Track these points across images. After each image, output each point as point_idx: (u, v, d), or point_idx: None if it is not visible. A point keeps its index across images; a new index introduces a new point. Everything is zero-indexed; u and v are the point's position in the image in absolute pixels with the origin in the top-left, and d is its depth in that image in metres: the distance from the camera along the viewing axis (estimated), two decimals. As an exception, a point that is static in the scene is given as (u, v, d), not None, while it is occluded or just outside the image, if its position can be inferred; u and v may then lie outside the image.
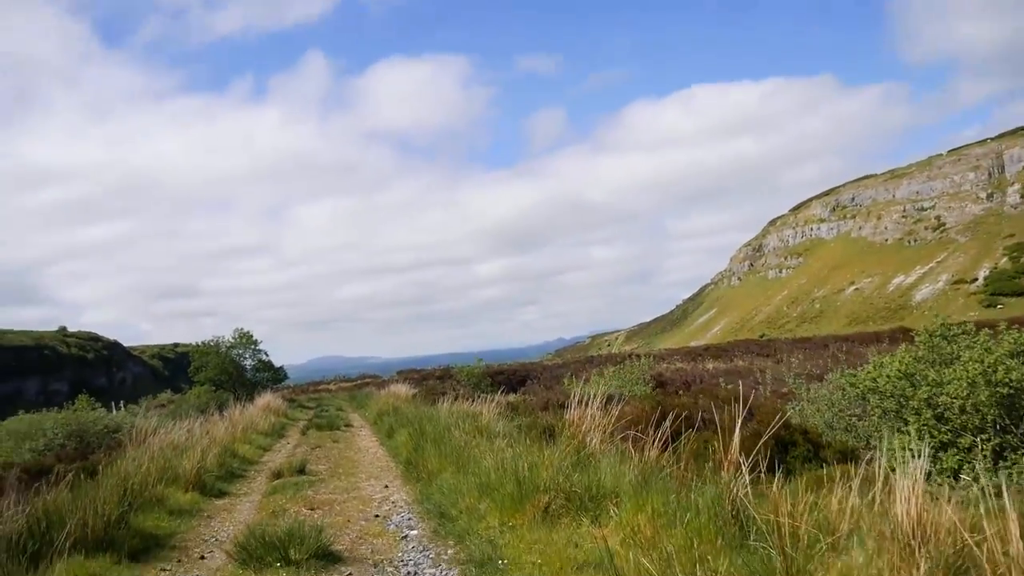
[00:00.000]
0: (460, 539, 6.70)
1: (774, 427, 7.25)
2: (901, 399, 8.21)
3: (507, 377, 39.27)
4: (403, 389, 26.19)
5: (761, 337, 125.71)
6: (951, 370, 7.84)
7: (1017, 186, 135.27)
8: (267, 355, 44.42)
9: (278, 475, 11.39)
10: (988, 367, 7.37)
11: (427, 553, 6.54)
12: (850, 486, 5.21)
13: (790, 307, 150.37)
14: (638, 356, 26.20)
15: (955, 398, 7.55)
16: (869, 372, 8.78)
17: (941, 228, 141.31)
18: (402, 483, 10.30)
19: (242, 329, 43.10)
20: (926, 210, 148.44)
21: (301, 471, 11.57)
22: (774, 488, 5.39)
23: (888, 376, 8.34)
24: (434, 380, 39.63)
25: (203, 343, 42.99)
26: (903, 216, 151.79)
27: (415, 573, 6.02)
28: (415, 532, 7.34)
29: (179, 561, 6.97)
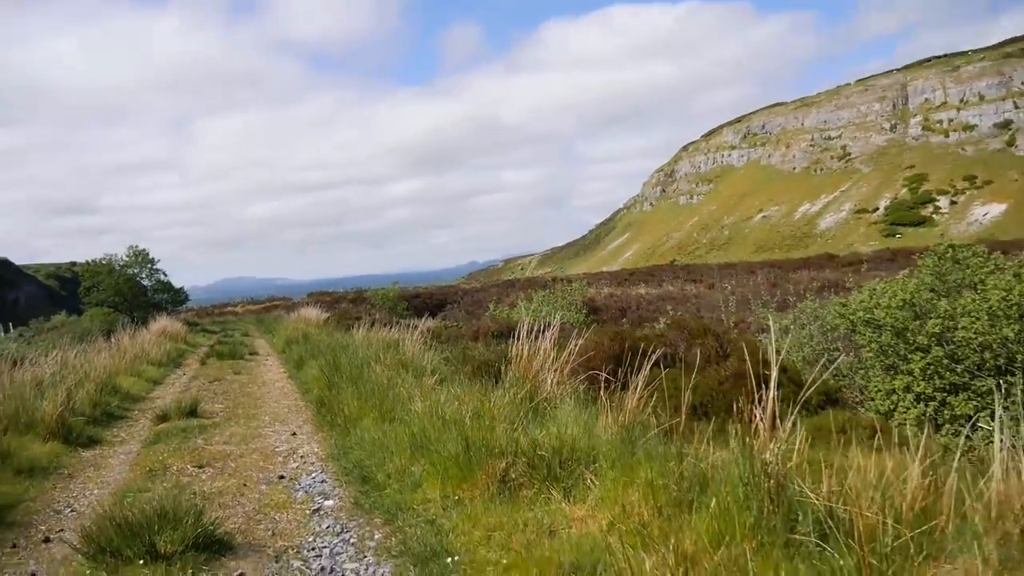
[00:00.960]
0: (390, 516, 5.14)
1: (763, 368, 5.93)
2: (903, 333, 7.05)
3: (423, 301, 37.70)
4: (314, 313, 24.31)
5: (672, 263, 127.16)
6: (967, 299, 6.69)
7: (919, 118, 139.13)
8: (166, 275, 41.44)
9: (164, 418, 9.59)
10: (1021, 296, 6.22)
11: (347, 536, 4.96)
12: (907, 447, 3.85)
13: (700, 233, 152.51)
14: (567, 280, 24.92)
15: (976, 333, 6.42)
16: (863, 301, 7.58)
17: (846, 158, 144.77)
18: (313, 429, 8.65)
19: (137, 247, 39.91)
20: (833, 139, 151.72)
21: (192, 412, 9.78)
22: (797, 445, 4.04)
23: (888, 306, 7.14)
24: (347, 304, 37.67)
25: (93, 261, 39.72)
26: (811, 145, 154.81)
27: (331, 570, 4.45)
28: (330, 503, 5.73)
29: (13, 547, 5.24)
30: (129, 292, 38.77)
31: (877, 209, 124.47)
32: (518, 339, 7.63)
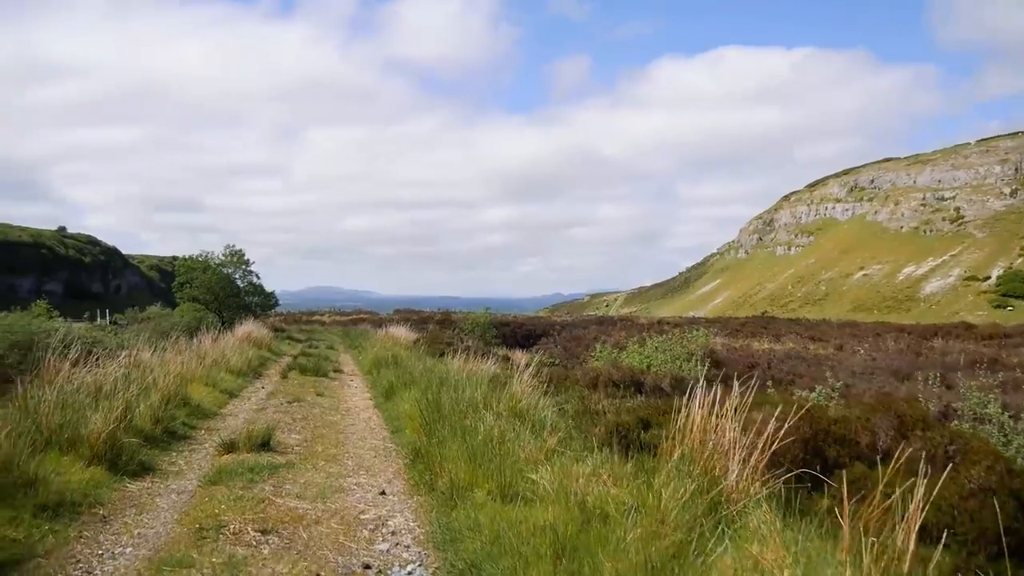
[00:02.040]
0: None
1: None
2: None
3: (512, 331, 36.16)
4: (403, 333, 22.96)
5: (763, 314, 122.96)
6: None
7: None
8: (259, 278, 41.00)
9: (231, 447, 8.09)
10: None
11: None
12: None
13: (795, 286, 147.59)
14: (669, 324, 22.92)
15: None
16: None
17: (959, 220, 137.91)
18: (407, 488, 6.90)
19: (233, 246, 39.60)
20: (946, 200, 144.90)
21: (265, 445, 8.24)
22: None
23: None
24: (434, 325, 36.43)
25: (190, 257, 39.55)
26: (922, 204, 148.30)
27: None
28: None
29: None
30: (221, 291, 38.37)
31: (989, 278, 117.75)
32: (691, 402, 5.82)
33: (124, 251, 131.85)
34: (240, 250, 39.38)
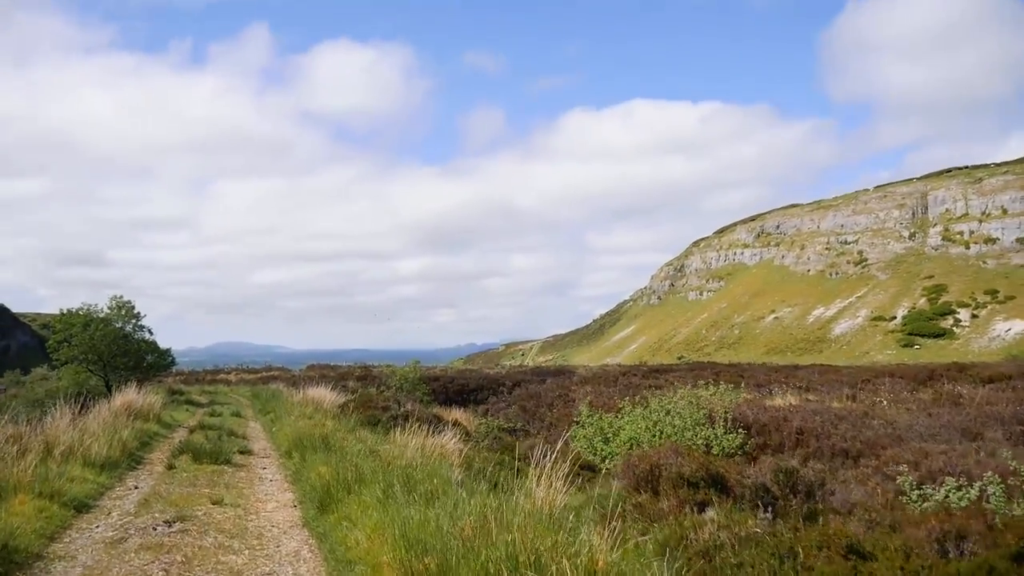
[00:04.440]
0: None
1: None
2: None
3: (444, 385, 32.50)
4: (325, 395, 19.15)
5: (680, 359, 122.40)
6: None
7: (939, 227, 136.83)
8: (151, 333, 36.10)
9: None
10: None
11: None
12: None
13: (709, 330, 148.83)
14: (674, 380, 19.57)
15: None
16: None
17: (863, 263, 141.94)
18: None
19: (120, 297, 34.71)
20: (849, 244, 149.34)
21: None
22: None
23: None
24: (355, 381, 32.47)
25: (69, 311, 34.44)
26: (826, 248, 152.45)
27: None
28: None
29: None
30: (106, 350, 33.40)
31: (895, 318, 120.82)
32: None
33: (17, 308, 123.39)
34: (128, 302, 34.58)
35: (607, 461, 11.44)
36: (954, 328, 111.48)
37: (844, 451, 9.68)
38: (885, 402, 15.40)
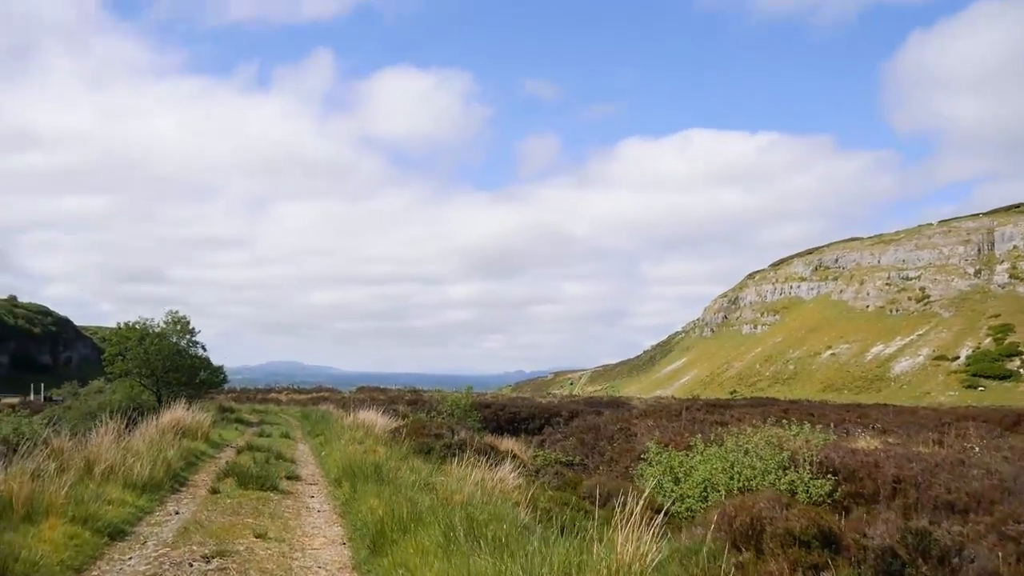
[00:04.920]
0: None
1: None
2: None
3: (495, 413, 31.77)
4: (376, 419, 18.57)
5: (732, 394, 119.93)
6: None
7: (1006, 264, 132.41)
8: (205, 349, 36.04)
9: None
10: None
11: None
12: None
13: (763, 365, 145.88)
14: (743, 416, 18.52)
15: None
16: None
17: (925, 300, 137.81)
18: None
19: (176, 312, 34.73)
20: (911, 280, 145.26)
21: None
22: None
23: None
24: (404, 405, 31.94)
25: (125, 324, 34.54)
26: (887, 284, 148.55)
27: None
28: None
29: None
30: (160, 365, 33.37)
31: (958, 358, 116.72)
32: None
33: (81, 321, 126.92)
34: (184, 316, 34.58)
35: (677, 504, 10.59)
36: (1021, 370, 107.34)
37: (949, 504, 8.60)
38: (977, 448, 14.20)
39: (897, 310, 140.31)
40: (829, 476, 9.90)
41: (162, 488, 10.47)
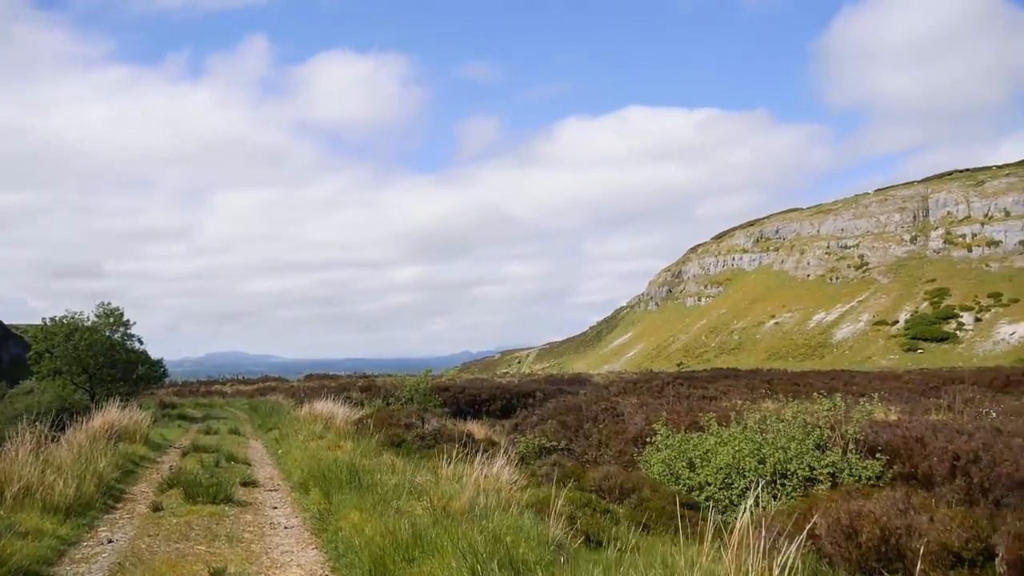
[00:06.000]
0: None
1: None
2: None
3: (455, 396, 30.32)
4: (335, 409, 16.94)
5: (679, 366, 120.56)
6: None
7: (941, 230, 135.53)
8: (141, 342, 33.71)
9: None
10: None
11: None
12: None
13: (708, 336, 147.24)
14: (743, 389, 17.22)
15: None
16: None
17: (864, 267, 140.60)
18: None
19: (108, 304, 32.33)
20: (850, 248, 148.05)
21: None
22: None
23: None
24: (358, 392, 30.27)
25: (53, 319, 32.04)
26: (827, 252, 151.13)
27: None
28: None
29: None
30: (92, 362, 31.00)
31: (897, 322, 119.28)
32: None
33: (11, 319, 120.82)
34: (116, 309, 32.23)
35: (695, 493, 9.31)
36: (957, 332, 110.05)
37: (1021, 483, 7.46)
38: (994, 413, 13.34)
39: (837, 278, 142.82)
40: (878, 455, 8.69)
41: (92, 508, 8.66)
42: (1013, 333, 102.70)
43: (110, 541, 7.53)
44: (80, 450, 9.98)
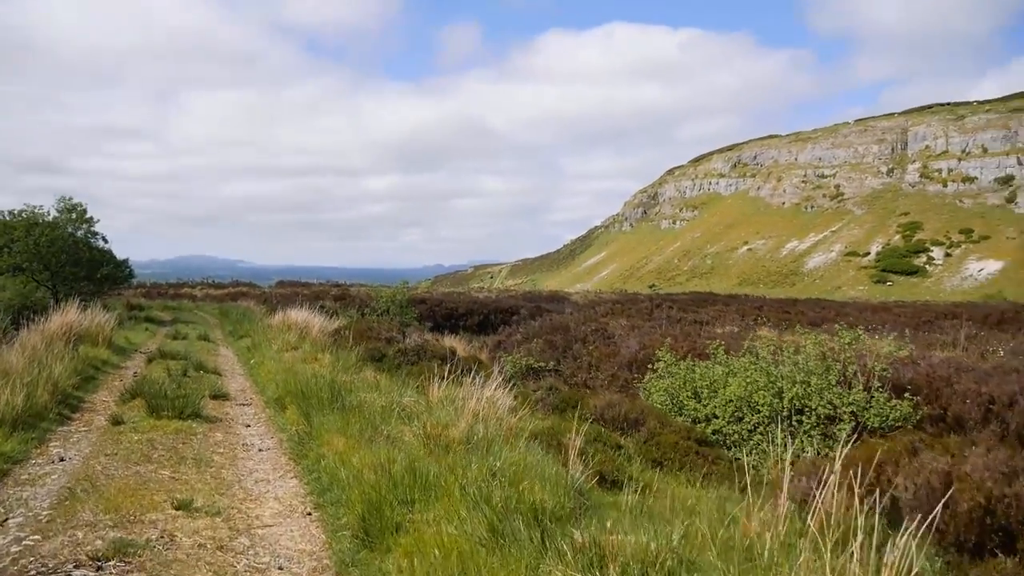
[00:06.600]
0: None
1: None
2: None
3: (431, 309, 29.63)
4: (310, 318, 16.16)
5: (651, 287, 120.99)
6: None
7: (918, 164, 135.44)
8: (106, 241, 32.33)
9: None
10: None
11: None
12: None
13: (681, 260, 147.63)
14: (752, 317, 16.48)
15: None
16: None
17: (839, 197, 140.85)
18: None
19: (70, 199, 30.82)
20: (826, 177, 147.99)
21: None
22: None
23: None
24: (331, 301, 29.46)
25: (11, 213, 30.51)
26: (803, 181, 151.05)
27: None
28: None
29: None
30: (54, 259, 29.68)
31: (868, 254, 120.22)
32: None
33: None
34: (79, 204, 30.78)
35: (700, 426, 8.73)
36: (927, 266, 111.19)
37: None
38: (1003, 352, 12.98)
39: (812, 207, 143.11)
40: (906, 396, 8.08)
41: (44, 419, 7.81)
42: (981, 270, 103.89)
43: (62, 460, 6.72)
44: (34, 353, 9.11)
